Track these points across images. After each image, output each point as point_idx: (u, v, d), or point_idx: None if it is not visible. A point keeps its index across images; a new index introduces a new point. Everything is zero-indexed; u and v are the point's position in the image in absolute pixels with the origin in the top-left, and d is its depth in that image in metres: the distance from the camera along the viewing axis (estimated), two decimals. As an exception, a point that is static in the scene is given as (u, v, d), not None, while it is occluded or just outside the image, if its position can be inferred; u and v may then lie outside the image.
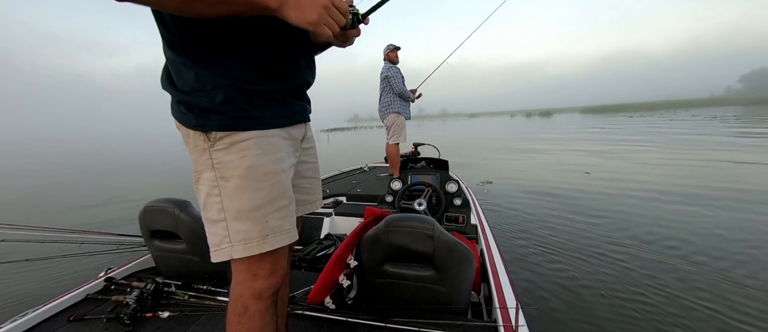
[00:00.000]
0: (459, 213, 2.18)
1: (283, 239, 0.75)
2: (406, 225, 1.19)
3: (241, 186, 0.70)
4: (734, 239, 2.89)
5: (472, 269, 1.25)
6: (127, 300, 1.32)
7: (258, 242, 0.71)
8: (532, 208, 4.15)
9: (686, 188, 4.62)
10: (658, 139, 11.41)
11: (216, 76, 0.68)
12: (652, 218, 3.51)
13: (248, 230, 0.71)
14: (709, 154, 7.49)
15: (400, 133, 3.80)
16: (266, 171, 0.72)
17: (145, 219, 1.53)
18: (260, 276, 0.75)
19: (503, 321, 1.12)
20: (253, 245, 0.71)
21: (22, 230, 1.64)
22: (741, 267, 2.42)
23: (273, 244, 0.73)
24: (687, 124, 17.29)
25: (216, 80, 0.68)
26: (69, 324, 1.28)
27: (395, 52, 3.80)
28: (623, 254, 2.71)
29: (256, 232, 0.71)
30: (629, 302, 2.09)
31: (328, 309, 1.25)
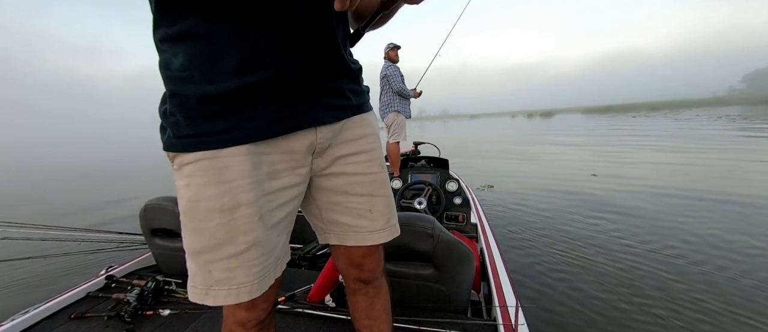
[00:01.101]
0: (459, 211, 2.19)
1: (229, 296, 0.57)
2: (406, 224, 1.20)
3: (184, 223, 0.57)
4: (740, 240, 2.89)
5: (472, 268, 1.26)
6: (128, 297, 1.33)
7: (201, 292, 0.58)
8: (533, 209, 4.14)
9: (694, 190, 4.53)
10: (665, 139, 11.27)
11: (163, 76, 0.54)
12: (657, 219, 3.48)
13: (194, 275, 0.59)
14: (719, 153, 7.38)
15: (401, 131, 3.81)
16: (210, 206, 0.54)
17: (146, 217, 1.54)
18: (240, 307, 0.63)
19: (503, 320, 1.12)
20: (197, 293, 0.58)
21: (24, 228, 1.65)
22: (755, 270, 2.40)
23: (215, 299, 0.57)
24: (692, 124, 17.12)
25: (165, 81, 0.54)
26: (70, 321, 1.29)
27: (395, 50, 3.81)
28: (625, 255, 2.71)
29: (199, 280, 0.58)
30: (628, 302, 2.10)
31: (328, 308, 1.26)
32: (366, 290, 0.83)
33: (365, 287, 0.83)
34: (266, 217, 0.59)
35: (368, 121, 0.74)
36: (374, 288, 0.84)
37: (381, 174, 0.74)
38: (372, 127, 0.75)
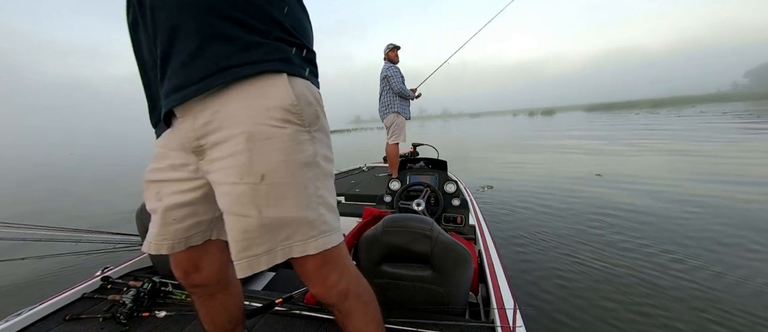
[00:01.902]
0: (457, 213, 2.19)
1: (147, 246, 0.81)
2: (404, 226, 1.20)
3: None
4: (738, 241, 2.89)
5: (470, 270, 1.26)
6: (124, 299, 1.33)
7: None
8: (534, 211, 4.15)
9: (707, 190, 4.40)
10: (671, 136, 11.09)
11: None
12: (665, 223, 3.41)
13: None
14: (731, 149, 7.22)
15: (400, 132, 3.82)
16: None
17: (142, 217, 1.54)
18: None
19: (501, 322, 1.12)
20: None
21: (19, 229, 1.65)
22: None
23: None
24: (698, 121, 16.85)
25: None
26: (65, 323, 1.29)
27: (395, 51, 3.82)
28: (626, 259, 2.71)
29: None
30: (628, 303, 2.11)
31: (325, 309, 1.26)
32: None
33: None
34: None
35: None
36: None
37: (235, 186, 0.62)
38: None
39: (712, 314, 1.95)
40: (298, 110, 0.62)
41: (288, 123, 0.62)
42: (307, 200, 0.64)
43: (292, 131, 0.62)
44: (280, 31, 0.64)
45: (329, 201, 0.69)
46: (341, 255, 0.73)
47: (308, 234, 0.65)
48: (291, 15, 0.66)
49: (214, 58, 0.59)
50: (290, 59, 0.64)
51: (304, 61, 0.69)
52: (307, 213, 0.64)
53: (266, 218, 0.62)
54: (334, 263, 0.71)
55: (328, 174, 0.71)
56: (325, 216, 0.67)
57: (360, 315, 0.77)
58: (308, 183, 0.64)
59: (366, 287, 0.81)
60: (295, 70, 0.64)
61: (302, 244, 0.65)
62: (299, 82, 0.65)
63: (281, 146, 0.61)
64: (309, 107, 0.65)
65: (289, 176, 0.62)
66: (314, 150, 0.66)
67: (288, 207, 0.63)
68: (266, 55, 0.61)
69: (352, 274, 0.76)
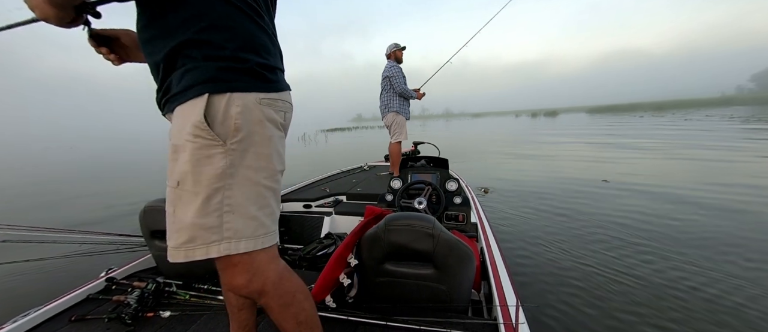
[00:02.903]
0: (459, 211, 2.21)
1: None
2: (406, 224, 1.22)
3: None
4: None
5: (472, 267, 1.28)
6: (129, 299, 1.36)
7: None
8: (535, 212, 4.14)
9: (716, 197, 4.25)
10: (678, 140, 10.78)
11: None
12: (674, 230, 3.30)
13: None
14: (746, 157, 6.84)
15: (401, 131, 3.85)
16: None
17: (146, 219, 1.57)
18: None
19: (503, 319, 1.14)
20: None
21: (23, 230, 1.68)
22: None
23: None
24: (704, 125, 16.52)
25: None
26: (70, 324, 1.31)
27: (400, 51, 3.85)
28: (627, 257, 2.72)
29: None
30: (628, 302, 2.12)
31: (328, 308, 1.28)
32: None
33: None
34: None
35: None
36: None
37: (175, 191, 0.73)
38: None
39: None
40: (205, 127, 0.69)
41: (198, 138, 0.69)
42: (209, 208, 0.70)
43: (201, 145, 0.70)
44: (205, 47, 0.71)
45: (245, 210, 0.74)
46: (253, 260, 0.77)
47: (209, 239, 0.72)
48: (216, 22, 0.72)
49: (167, 88, 0.75)
50: (217, 77, 0.71)
51: (238, 71, 0.73)
52: (206, 220, 0.71)
53: (176, 218, 0.72)
54: (242, 266, 0.77)
55: (253, 183, 0.75)
56: (231, 223, 0.72)
57: (277, 314, 0.84)
58: (213, 193, 0.70)
59: (289, 291, 0.84)
60: (220, 87, 0.71)
61: (204, 248, 0.72)
62: (223, 98, 0.71)
63: (189, 158, 0.70)
64: (226, 121, 0.71)
65: (194, 185, 0.70)
66: (228, 162, 0.71)
67: (190, 212, 0.71)
68: (193, 79, 0.70)
69: (270, 278, 0.80)
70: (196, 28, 0.70)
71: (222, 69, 0.71)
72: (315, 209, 2.73)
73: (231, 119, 0.71)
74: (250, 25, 0.77)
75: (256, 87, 0.76)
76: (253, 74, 0.75)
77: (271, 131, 0.78)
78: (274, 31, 0.87)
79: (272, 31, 0.86)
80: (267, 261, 0.80)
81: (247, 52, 0.75)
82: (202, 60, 0.70)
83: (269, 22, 0.85)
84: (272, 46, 0.83)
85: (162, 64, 0.73)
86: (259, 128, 0.75)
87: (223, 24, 0.72)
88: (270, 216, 0.80)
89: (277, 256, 0.84)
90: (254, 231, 0.76)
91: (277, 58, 0.86)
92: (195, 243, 0.72)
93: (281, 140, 0.84)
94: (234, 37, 0.73)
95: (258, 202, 0.76)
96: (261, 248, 0.77)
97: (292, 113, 0.89)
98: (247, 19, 0.76)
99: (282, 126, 0.84)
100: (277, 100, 0.81)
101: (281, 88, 0.83)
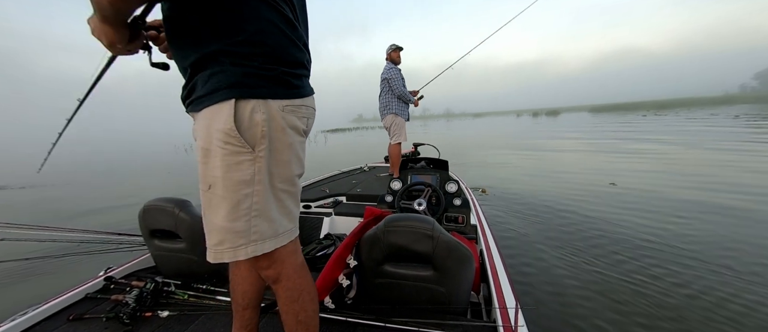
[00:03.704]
0: (459, 213, 2.22)
1: None
2: (405, 225, 1.23)
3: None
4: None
5: (471, 269, 1.28)
6: (127, 299, 1.37)
7: None
8: (536, 213, 4.15)
9: (728, 200, 4.12)
10: (684, 140, 10.49)
11: None
12: (671, 229, 3.32)
13: None
14: (752, 158, 6.64)
15: (400, 132, 3.86)
16: None
17: (145, 218, 1.57)
18: None
19: (502, 322, 1.14)
20: None
21: (22, 229, 1.69)
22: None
23: None
24: (709, 124, 16.32)
25: None
26: (69, 323, 1.32)
27: (397, 52, 3.85)
28: (627, 259, 2.73)
29: None
30: (629, 303, 2.12)
31: (327, 309, 1.28)
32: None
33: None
34: None
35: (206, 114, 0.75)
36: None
37: (206, 194, 0.76)
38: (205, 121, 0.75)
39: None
40: (236, 134, 0.71)
41: (228, 144, 0.71)
42: (238, 213, 0.74)
43: (231, 152, 0.72)
44: (235, 57, 0.72)
45: (269, 214, 0.78)
46: (274, 253, 0.82)
47: (237, 242, 0.75)
48: (251, 37, 0.73)
49: (192, 88, 0.77)
50: (242, 82, 0.72)
51: (263, 78, 0.75)
52: (236, 224, 0.74)
53: (208, 220, 0.77)
54: (264, 259, 0.82)
55: (274, 188, 0.79)
56: (258, 226, 0.76)
57: (282, 304, 0.90)
58: (243, 198, 0.73)
59: (298, 287, 0.89)
60: (244, 93, 0.72)
61: (232, 251, 0.76)
62: (248, 104, 0.72)
63: (220, 164, 0.72)
64: (253, 129, 0.73)
65: (224, 191, 0.73)
66: (256, 169, 0.74)
67: (220, 216, 0.74)
68: (219, 83, 0.72)
69: (286, 270, 0.86)
70: (229, 41, 0.71)
71: (248, 75, 0.73)
72: (314, 210, 2.73)
73: (257, 126, 0.73)
74: (282, 40, 0.77)
75: (280, 94, 0.77)
76: (277, 81, 0.77)
77: (291, 138, 0.81)
78: (305, 37, 0.87)
79: (304, 39, 0.86)
80: (286, 254, 0.85)
81: (274, 63, 0.76)
82: (229, 65, 0.72)
83: (303, 30, 0.86)
84: (301, 53, 0.83)
85: (190, 68, 0.76)
86: (281, 135, 0.78)
87: (257, 39, 0.73)
88: (288, 215, 0.84)
89: (296, 251, 0.89)
90: (275, 232, 0.80)
91: (305, 63, 0.86)
92: (223, 246, 0.76)
93: (302, 145, 0.86)
94: (264, 52, 0.74)
95: (278, 205, 0.81)
96: (281, 245, 0.82)
97: (314, 118, 0.92)
98: (280, 35, 0.77)
99: (304, 131, 0.86)
100: (301, 107, 0.83)
101: (305, 93, 0.85)
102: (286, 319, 0.91)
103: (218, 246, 0.76)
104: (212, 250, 0.77)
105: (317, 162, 11.12)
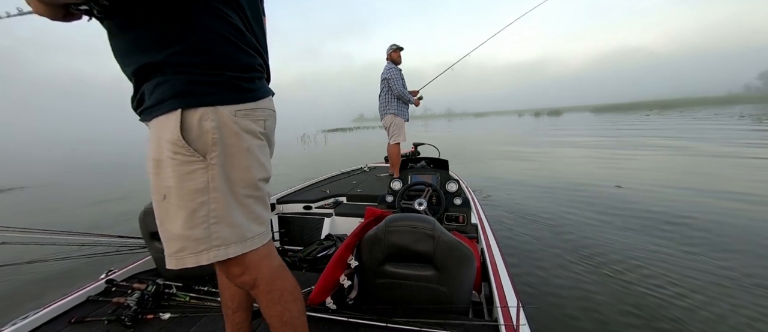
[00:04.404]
0: (459, 212, 2.22)
1: None
2: (406, 225, 1.24)
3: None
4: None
5: (472, 268, 1.29)
6: (128, 301, 1.38)
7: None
8: (537, 215, 4.16)
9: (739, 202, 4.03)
10: (691, 141, 10.26)
11: None
12: (677, 233, 3.28)
13: None
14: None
15: (400, 132, 3.87)
16: None
17: (146, 220, 1.59)
18: None
19: (504, 320, 1.15)
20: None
21: (23, 233, 1.70)
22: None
23: None
24: (714, 124, 16.16)
25: None
26: (70, 326, 1.33)
27: (398, 52, 3.87)
28: (630, 261, 2.73)
29: None
30: (629, 303, 2.13)
31: (329, 310, 1.29)
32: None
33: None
34: None
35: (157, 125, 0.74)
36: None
37: (161, 204, 0.76)
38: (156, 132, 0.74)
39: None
40: (183, 144, 0.70)
41: (178, 154, 0.71)
42: (195, 221, 0.73)
43: (181, 161, 0.72)
44: (177, 66, 0.71)
45: (231, 219, 0.77)
46: (245, 258, 0.81)
47: (198, 248, 0.75)
48: (193, 47, 0.72)
49: (141, 98, 0.77)
50: (188, 90, 0.72)
51: (210, 85, 0.74)
52: (194, 232, 0.74)
53: (165, 229, 0.76)
54: (234, 261, 0.81)
55: (234, 194, 0.78)
56: (220, 232, 0.76)
57: (264, 308, 0.88)
58: (198, 207, 0.73)
59: (279, 289, 0.87)
60: (192, 102, 0.72)
61: (194, 256, 0.75)
62: (196, 113, 0.72)
63: (172, 174, 0.72)
64: (203, 137, 0.72)
65: (179, 200, 0.73)
66: (209, 176, 0.73)
67: (178, 225, 0.74)
68: (164, 93, 0.71)
69: (262, 274, 0.85)
70: (171, 51, 0.70)
71: (193, 82, 0.72)
72: (315, 210, 2.74)
73: (207, 134, 0.72)
74: (227, 48, 0.76)
75: (230, 99, 0.76)
76: (226, 86, 0.76)
77: (248, 142, 0.79)
78: (258, 41, 0.86)
79: (256, 44, 0.84)
80: (259, 258, 0.84)
81: (220, 68, 0.75)
82: (173, 74, 0.71)
83: (256, 35, 0.84)
84: (251, 58, 0.82)
85: (134, 76, 0.75)
86: (237, 140, 0.76)
87: (199, 48, 0.72)
88: (256, 220, 0.82)
89: (271, 254, 0.87)
90: (242, 237, 0.78)
91: (256, 66, 0.84)
92: (185, 252, 0.75)
93: (262, 149, 0.84)
94: (207, 60, 0.73)
95: (242, 211, 0.79)
96: (251, 249, 0.81)
97: (274, 119, 0.89)
98: (225, 43, 0.76)
99: (262, 134, 0.84)
100: (255, 109, 0.81)
101: (259, 96, 0.83)
102: (271, 322, 0.89)
103: (179, 253, 0.75)
104: (173, 258, 0.76)
105: (317, 161, 11.14)
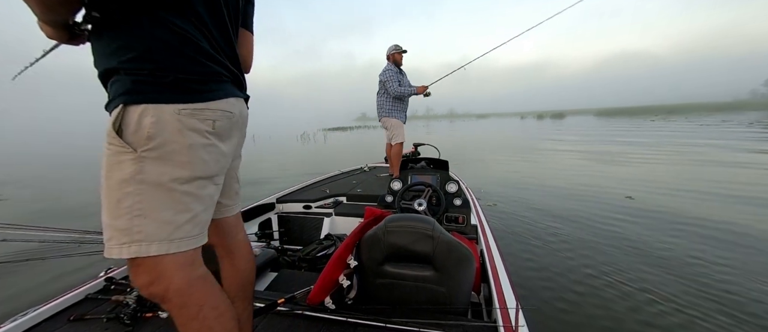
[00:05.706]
0: (459, 213, 2.24)
1: None
2: (406, 226, 1.25)
3: None
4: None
5: (472, 269, 1.31)
6: (128, 299, 1.39)
7: None
8: (538, 217, 4.16)
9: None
10: (704, 149, 9.85)
11: None
12: (684, 242, 3.20)
13: None
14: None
15: (398, 132, 3.91)
16: None
17: None
18: None
19: (503, 322, 1.17)
20: None
21: (22, 230, 1.71)
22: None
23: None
24: (725, 130, 15.90)
25: None
26: (69, 323, 1.34)
27: (400, 54, 3.90)
28: (629, 259, 2.75)
29: None
30: (631, 308, 2.14)
31: (328, 309, 1.31)
32: None
33: None
34: None
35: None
36: None
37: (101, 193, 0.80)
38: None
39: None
40: (114, 135, 0.75)
41: (111, 145, 0.76)
42: (119, 211, 0.76)
43: (113, 152, 0.76)
44: (127, 71, 0.77)
45: (158, 214, 0.78)
46: (158, 264, 0.79)
47: (121, 240, 0.77)
48: (142, 55, 0.77)
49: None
50: (133, 89, 0.77)
51: (156, 85, 0.78)
52: (118, 222, 0.76)
53: (102, 218, 0.79)
54: (145, 267, 0.79)
55: (167, 189, 0.79)
56: (142, 227, 0.77)
57: (179, 326, 0.85)
58: (123, 197, 0.76)
59: (196, 303, 0.83)
60: (135, 99, 0.76)
61: (118, 248, 0.77)
62: (137, 109, 0.76)
63: (105, 163, 0.77)
64: (139, 131, 0.76)
65: (107, 189, 0.77)
66: (137, 168, 0.76)
67: (106, 214, 0.78)
68: (115, 91, 0.78)
69: (174, 285, 0.81)
70: (124, 58, 0.76)
71: (139, 82, 0.77)
72: (315, 210, 2.76)
73: (144, 129, 0.75)
74: (177, 59, 0.80)
75: (175, 99, 0.79)
76: (172, 86, 0.79)
77: (191, 139, 0.81)
78: (220, 48, 0.90)
79: (213, 53, 0.87)
80: (175, 267, 0.81)
81: (168, 71, 0.79)
82: (124, 75, 0.77)
83: (214, 43, 0.87)
84: (202, 67, 0.84)
85: (100, 80, 0.83)
86: (178, 137, 0.79)
87: (147, 57, 0.77)
88: (191, 221, 0.82)
89: (193, 263, 0.84)
90: (169, 235, 0.79)
91: (209, 73, 0.86)
92: (112, 242, 0.77)
93: (207, 147, 0.85)
94: (155, 67, 0.78)
95: (174, 207, 0.79)
96: (175, 251, 0.80)
97: (229, 120, 0.91)
98: (175, 54, 0.79)
99: (210, 134, 0.85)
100: (204, 110, 0.83)
101: (212, 98, 0.85)
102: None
103: (109, 242, 0.77)
104: (106, 246, 0.78)
105: (316, 162, 11.14)
